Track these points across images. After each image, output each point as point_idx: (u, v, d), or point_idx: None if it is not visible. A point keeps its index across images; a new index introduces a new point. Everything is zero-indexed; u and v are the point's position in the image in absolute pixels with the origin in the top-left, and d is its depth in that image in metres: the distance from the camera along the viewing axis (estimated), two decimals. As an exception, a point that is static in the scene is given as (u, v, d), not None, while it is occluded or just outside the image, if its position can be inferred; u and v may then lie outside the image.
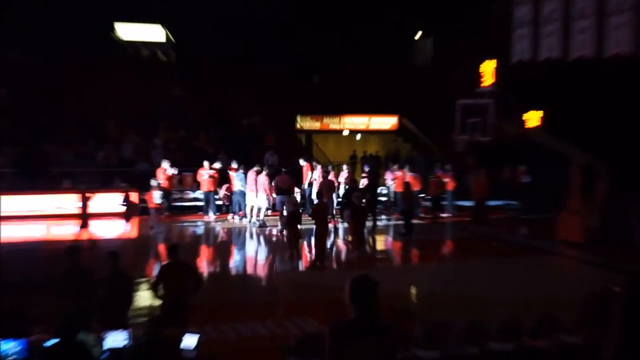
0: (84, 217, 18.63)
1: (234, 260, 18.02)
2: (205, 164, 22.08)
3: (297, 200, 21.99)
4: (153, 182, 20.09)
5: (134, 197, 21.54)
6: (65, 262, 10.15)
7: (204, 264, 17.35)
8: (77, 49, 29.02)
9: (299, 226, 16.32)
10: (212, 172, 22.10)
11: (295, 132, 31.34)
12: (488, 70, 21.59)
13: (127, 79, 30.03)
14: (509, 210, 26.41)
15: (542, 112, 21.43)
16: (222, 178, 22.97)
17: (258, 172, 21.69)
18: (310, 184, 22.87)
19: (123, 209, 20.08)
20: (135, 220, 21.37)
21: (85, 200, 18.56)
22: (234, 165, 22.56)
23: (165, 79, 31.56)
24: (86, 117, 27.12)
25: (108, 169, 24.38)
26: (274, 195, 21.57)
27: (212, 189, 22.19)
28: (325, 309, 11.79)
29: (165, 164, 21.98)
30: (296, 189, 22.94)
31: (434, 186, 23.70)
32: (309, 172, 23.06)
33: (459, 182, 24.11)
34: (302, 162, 23.72)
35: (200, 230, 21.52)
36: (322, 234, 16.23)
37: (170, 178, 22.33)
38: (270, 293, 14.62)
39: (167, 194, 22.31)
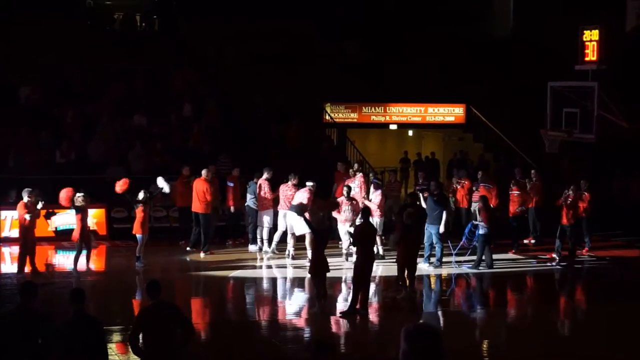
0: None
1: (240, 304, 18.15)
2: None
3: (327, 219, 22.01)
4: (140, 196, 19.75)
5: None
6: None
7: (200, 309, 17.45)
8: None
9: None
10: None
11: (322, 126, 31.29)
12: (592, 40, 21.46)
13: (92, 47, 30.28)
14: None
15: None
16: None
17: (296, 186, 21.56)
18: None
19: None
20: (101, 249, 21.55)
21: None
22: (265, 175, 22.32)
23: (144, 49, 31.68)
24: (39, 99, 27.32)
25: (67, 176, 24.31)
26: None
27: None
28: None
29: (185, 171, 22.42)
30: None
31: (516, 202, 23.55)
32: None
33: (545, 196, 23.95)
34: (339, 167, 23.98)
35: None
36: (366, 266, 16.25)
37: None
38: (291, 349, 14.57)
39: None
